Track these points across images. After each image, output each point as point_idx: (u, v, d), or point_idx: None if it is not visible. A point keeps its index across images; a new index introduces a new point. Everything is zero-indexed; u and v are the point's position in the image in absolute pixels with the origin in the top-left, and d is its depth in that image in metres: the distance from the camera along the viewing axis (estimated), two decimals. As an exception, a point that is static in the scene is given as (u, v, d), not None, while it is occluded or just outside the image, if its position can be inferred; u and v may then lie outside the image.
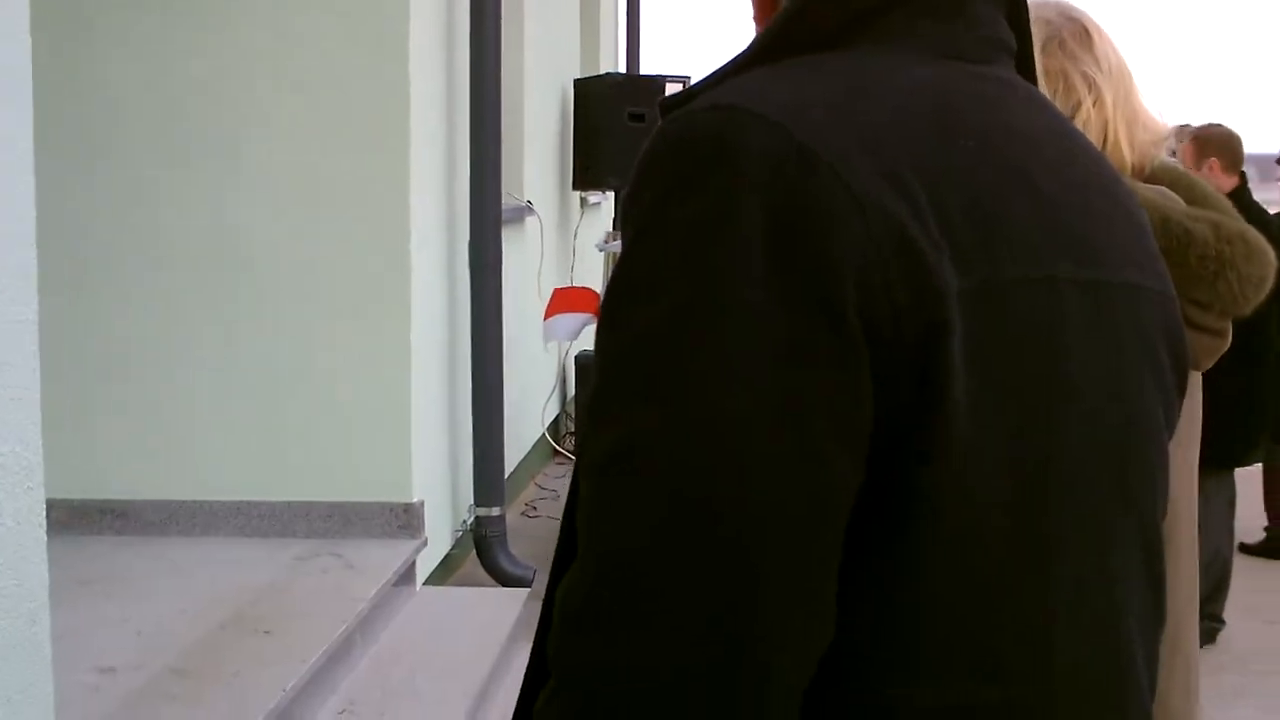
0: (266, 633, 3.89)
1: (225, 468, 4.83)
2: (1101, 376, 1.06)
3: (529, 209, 7.18)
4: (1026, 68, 1.18)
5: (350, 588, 4.28)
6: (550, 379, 8.15)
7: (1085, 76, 2.12)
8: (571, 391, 8.59)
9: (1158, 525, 1.14)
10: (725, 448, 0.90)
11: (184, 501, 4.82)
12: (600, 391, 0.97)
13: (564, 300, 2.14)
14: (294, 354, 4.82)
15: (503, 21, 5.67)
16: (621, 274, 1.00)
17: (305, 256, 4.82)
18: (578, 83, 8.63)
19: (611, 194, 10.17)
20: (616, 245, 1.58)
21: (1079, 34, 2.15)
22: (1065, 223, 1.06)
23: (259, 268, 4.81)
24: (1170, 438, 1.16)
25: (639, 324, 0.95)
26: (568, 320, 1.87)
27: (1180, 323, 1.18)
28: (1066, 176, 1.09)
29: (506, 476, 5.77)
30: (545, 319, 2.06)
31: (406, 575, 4.71)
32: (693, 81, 1.20)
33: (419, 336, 4.93)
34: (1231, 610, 5.47)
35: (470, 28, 5.47)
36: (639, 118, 8.22)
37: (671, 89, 8.64)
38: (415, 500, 4.85)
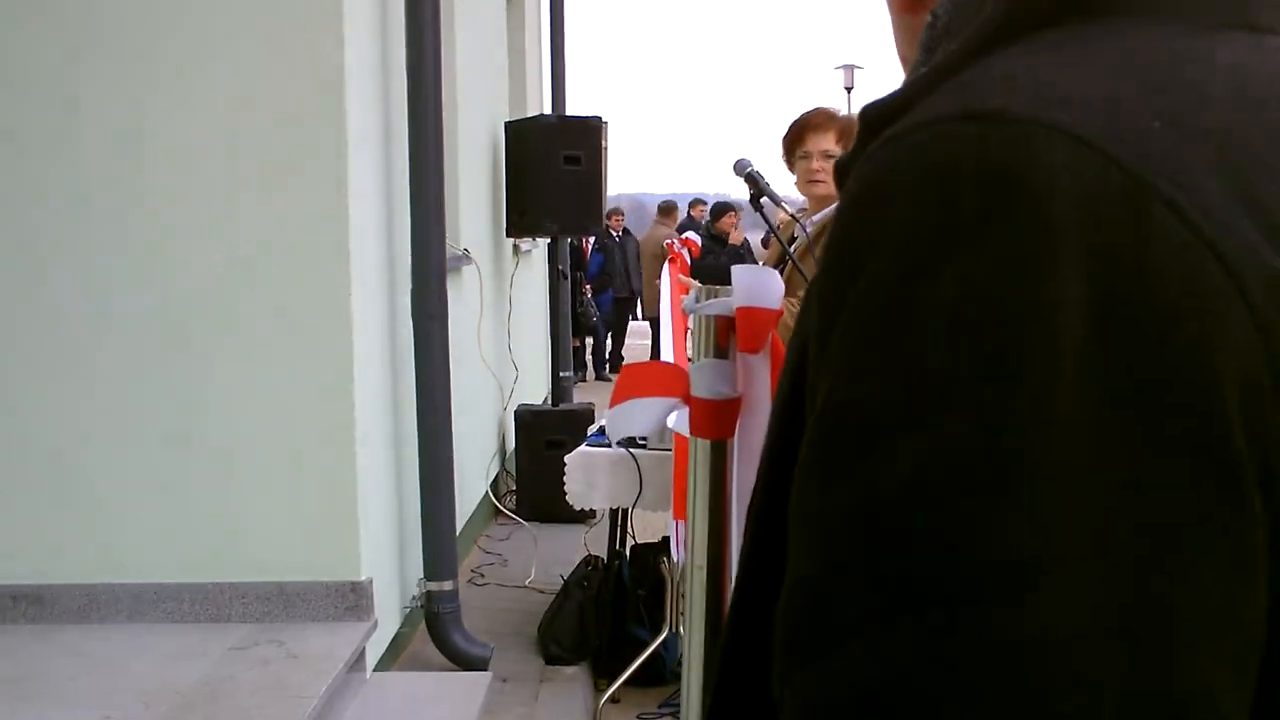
0: (205, 740, 3.45)
1: (151, 547, 4.37)
2: None
3: (466, 257, 6.78)
4: None
5: (296, 681, 3.84)
6: (491, 434, 7.73)
7: None
8: (511, 446, 8.18)
9: None
10: (1050, 696, 0.56)
11: (106, 585, 4.35)
12: (817, 588, 0.62)
13: (635, 380, 1.77)
14: (227, 419, 4.38)
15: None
16: (838, 394, 0.63)
17: (239, 315, 4.38)
18: (509, 125, 8.27)
19: (545, 241, 9.82)
20: (717, 306, 1.21)
21: None
22: None
23: (186, 328, 4.37)
24: None
25: (884, 479, 0.60)
26: (646, 408, 1.50)
27: None
28: None
29: (454, 544, 5.34)
30: (611, 406, 1.67)
31: (356, 662, 4.27)
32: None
33: (362, 394, 4.51)
34: None
35: (407, 67, 5.08)
36: (575, 160, 7.89)
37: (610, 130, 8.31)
38: (364, 578, 4.42)
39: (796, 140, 4.81)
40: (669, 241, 5.08)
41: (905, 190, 0.62)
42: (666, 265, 4.86)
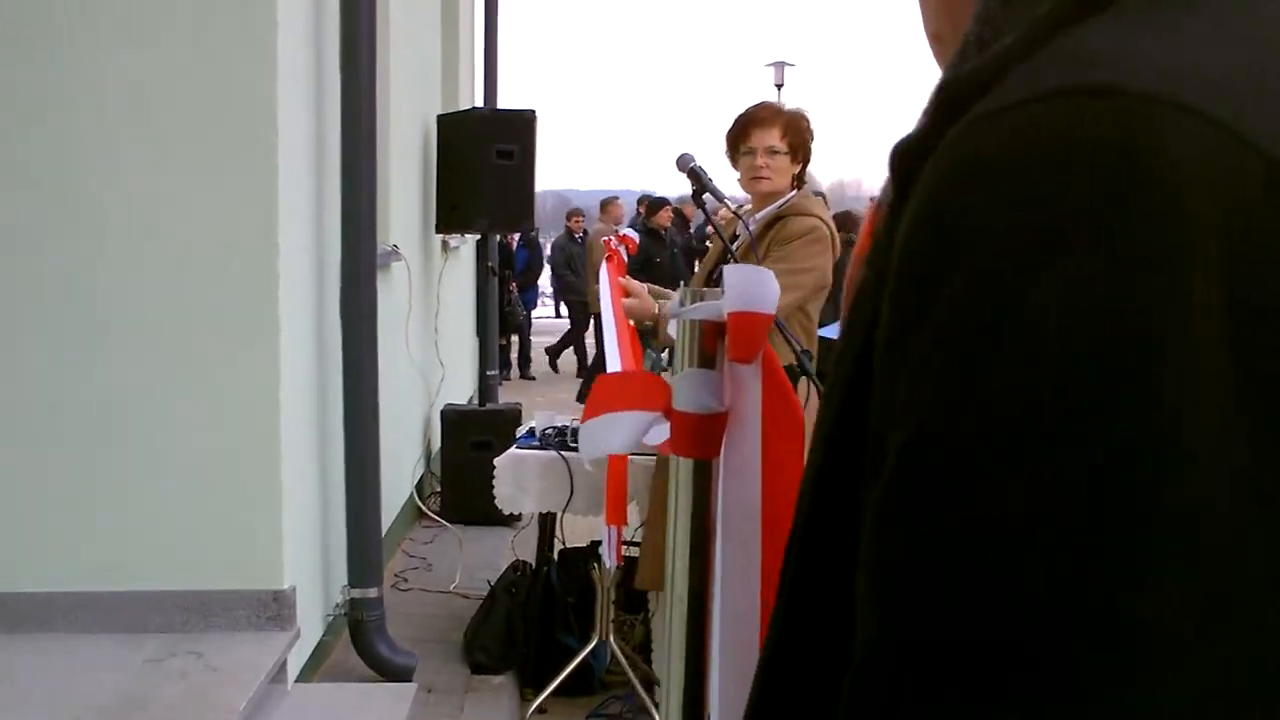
0: (119, 759, 3.29)
1: (62, 553, 4.19)
2: None
3: (395, 253, 6.63)
4: None
5: (216, 696, 3.69)
6: (416, 434, 7.58)
7: None
8: (437, 446, 8.04)
9: None
10: None
11: (11, 594, 4.16)
12: (904, 655, 0.54)
13: (612, 392, 1.51)
14: (148, 421, 4.21)
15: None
16: (927, 425, 0.53)
17: (161, 314, 4.21)
18: (441, 118, 8.11)
19: (475, 237, 9.67)
20: (704, 310, 1.10)
21: None
22: None
23: (106, 327, 4.20)
24: None
25: (987, 529, 0.51)
26: (624, 422, 1.32)
27: None
28: None
29: (378, 548, 5.18)
30: (584, 420, 1.46)
31: (278, 673, 4.12)
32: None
33: (289, 396, 4.35)
34: None
35: (341, 58, 4.93)
36: (508, 155, 7.76)
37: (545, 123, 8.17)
38: (286, 586, 4.27)
39: (740, 136, 4.72)
40: (606, 239, 4.96)
41: (1009, 176, 0.53)
42: (604, 264, 4.74)
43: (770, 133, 4.66)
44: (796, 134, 4.69)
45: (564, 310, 16.57)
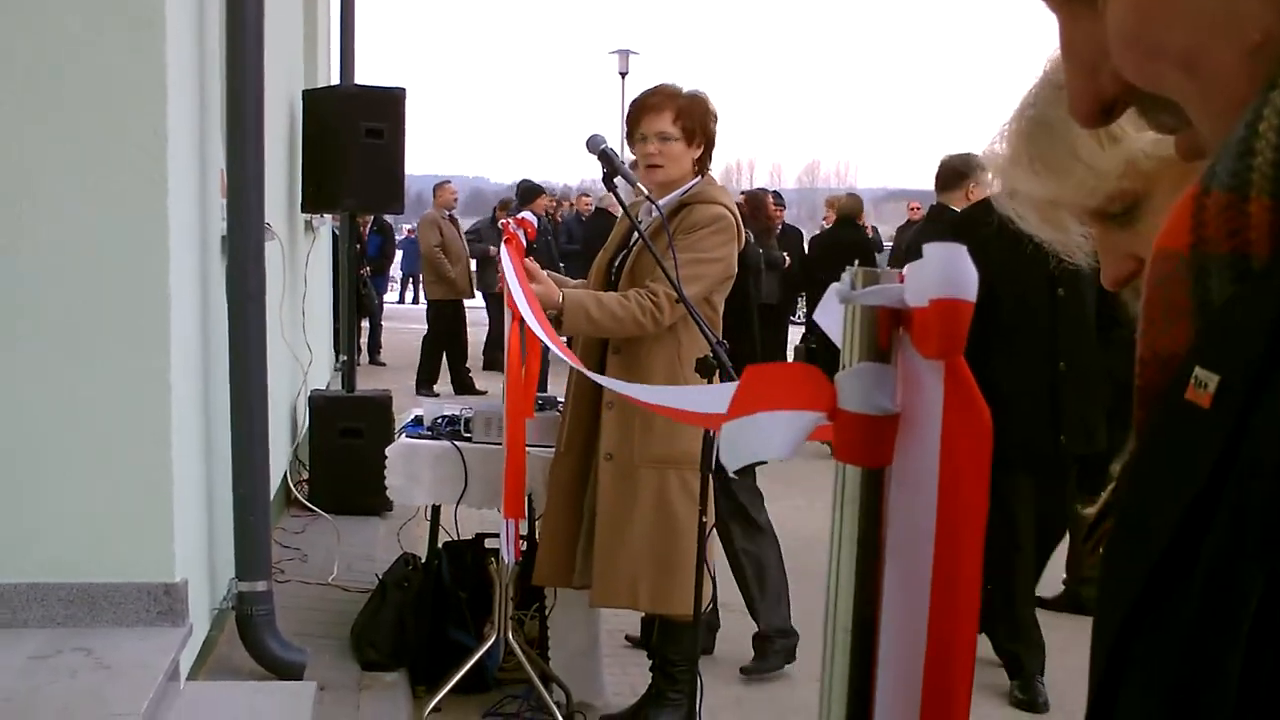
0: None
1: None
2: None
3: (269, 233, 6.37)
4: None
5: (111, 696, 3.47)
6: (283, 420, 7.33)
7: None
8: (303, 433, 7.79)
9: None
10: None
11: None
12: None
13: (764, 387, 1.24)
14: (31, 406, 3.95)
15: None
16: None
17: (47, 297, 3.96)
18: (308, 94, 7.85)
19: (334, 218, 9.41)
20: (882, 295, 0.97)
21: None
22: None
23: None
24: None
25: None
26: (780, 422, 1.13)
27: None
28: None
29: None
30: (732, 417, 1.22)
31: (171, 672, 3.90)
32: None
33: (178, 380, 4.13)
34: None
35: (226, 30, 4.72)
36: (377, 134, 7.53)
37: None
38: (178, 579, 4.04)
39: (633, 123, 4.60)
40: (504, 222, 4.83)
41: None
42: (503, 247, 4.61)
43: (661, 118, 4.53)
44: (690, 118, 4.56)
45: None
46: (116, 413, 4.00)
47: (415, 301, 16.32)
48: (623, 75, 28.47)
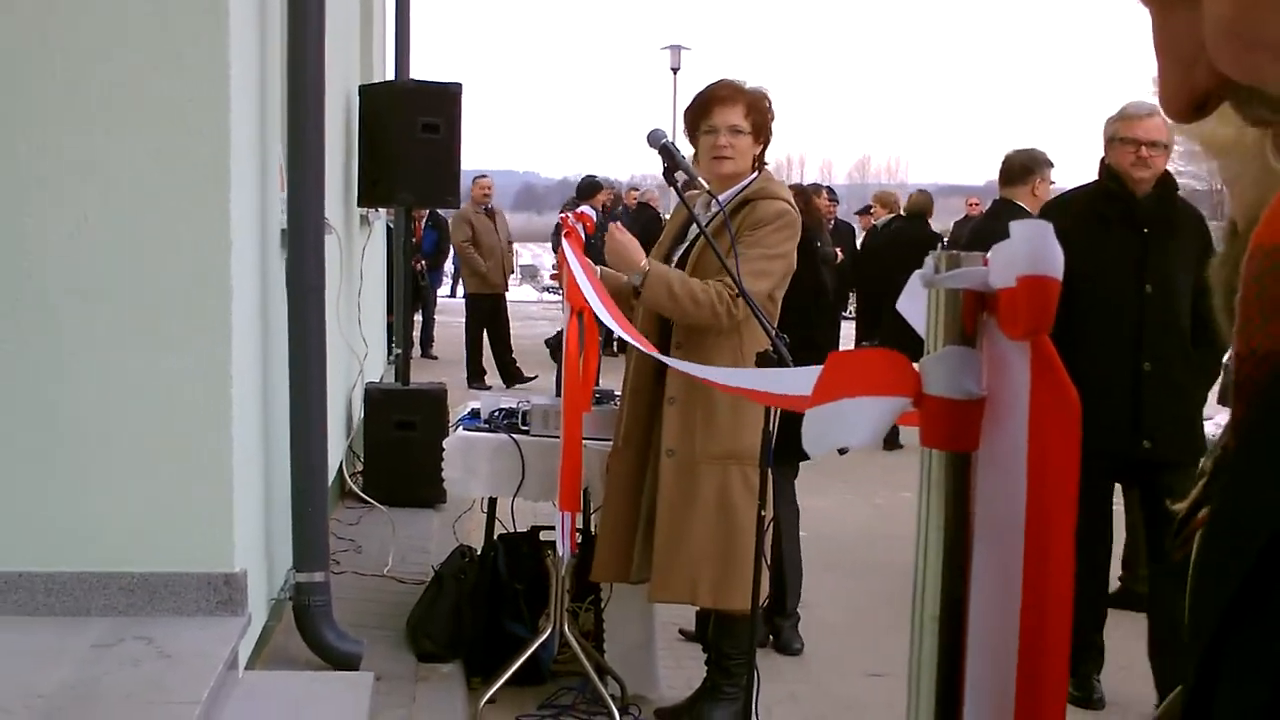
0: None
1: (2, 532, 3.95)
2: None
3: (326, 227, 6.41)
4: None
5: (172, 684, 3.49)
6: (339, 412, 7.37)
7: None
8: (357, 425, 7.83)
9: None
10: None
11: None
12: None
13: (846, 373, 1.14)
14: (93, 396, 3.99)
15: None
16: None
17: (108, 286, 3.99)
18: (364, 89, 7.89)
19: (390, 212, 9.46)
20: (967, 276, 0.96)
21: None
22: None
23: (50, 298, 3.96)
24: None
25: None
26: (864, 408, 1.11)
27: None
28: None
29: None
30: (815, 404, 1.20)
31: (231, 661, 3.93)
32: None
33: (240, 371, 4.15)
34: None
35: (289, 26, 4.75)
36: (433, 128, 7.55)
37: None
38: (238, 569, 4.07)
39: (701, 114, 4.60)
40: (564, 216, 4.84)
41: None
42: (564, 240, 4.62)
43: (734, 110, 4.54)
44: (759, 113, 4.59)
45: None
46: (178, 404, 4.03)
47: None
48: (674, 71, 28.46)
